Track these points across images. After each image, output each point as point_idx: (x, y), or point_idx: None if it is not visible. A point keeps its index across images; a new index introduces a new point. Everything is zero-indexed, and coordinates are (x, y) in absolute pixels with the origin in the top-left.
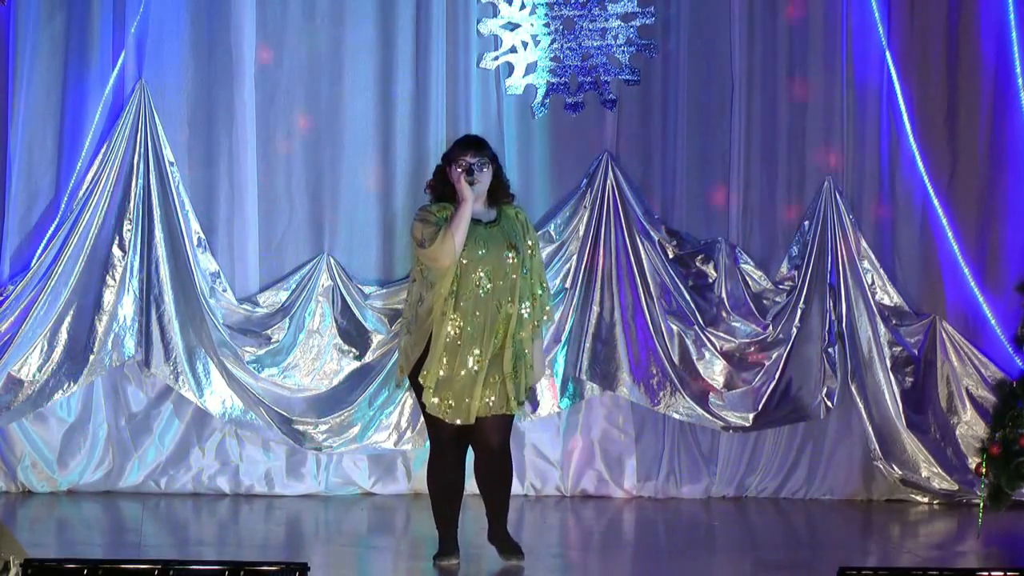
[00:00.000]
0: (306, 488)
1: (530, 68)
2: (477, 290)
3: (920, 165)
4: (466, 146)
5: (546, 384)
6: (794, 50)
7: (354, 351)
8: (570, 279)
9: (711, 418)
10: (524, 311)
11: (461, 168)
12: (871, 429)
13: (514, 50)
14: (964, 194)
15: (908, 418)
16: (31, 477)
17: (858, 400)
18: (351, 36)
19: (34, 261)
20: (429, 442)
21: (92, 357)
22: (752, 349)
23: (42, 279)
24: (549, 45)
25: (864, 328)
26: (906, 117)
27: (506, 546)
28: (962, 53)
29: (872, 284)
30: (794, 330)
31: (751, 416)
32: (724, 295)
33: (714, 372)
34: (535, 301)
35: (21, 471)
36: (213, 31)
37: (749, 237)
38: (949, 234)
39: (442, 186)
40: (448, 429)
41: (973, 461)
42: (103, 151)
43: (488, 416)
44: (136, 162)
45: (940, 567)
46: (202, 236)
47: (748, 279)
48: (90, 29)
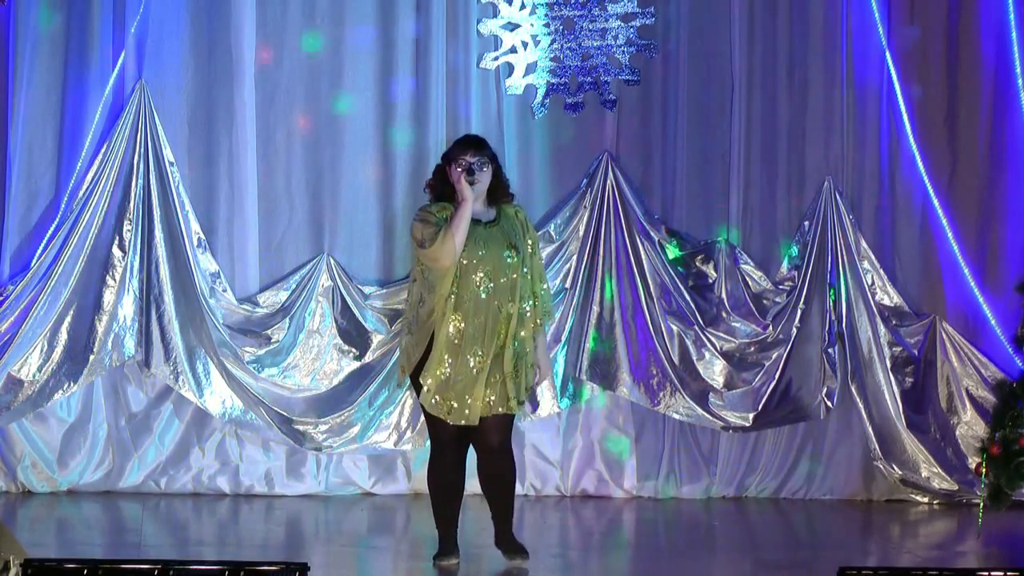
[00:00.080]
0: (306, 488)
1: (530, 68)
2: (478, 290)
3: (920, 165)
4: (466, 145)
5: (546, 384)
6: (794, 50)
7: (354, 351)
8: (570, 279)
9: (711, 418)
10: (526, 309)
11: (461, 168)
12: (871, 429)
13: (514, 50)
14: (964, 194)
15: (908, 418)
16: (31, 477)
17: (858, 400)
18: (351, 36)
19: (34, 261)
20: (430, 442)
21: (92, 357)
22: (752, 349)
23: (42, 279)
24: (549, 45)
25: (864, 328)
26: (906, 117)
27: (512, 547)
28: (962, 53)
29: (872, 284)
30: (794, 330)
31: (751, 416)
32: (724, 295)
33: (714, 372)
34: (537, 300)
35: (21, 471)
36: (213, 31)
37: (749, 237)
38: (949, 234)
39: (441, 186)
40: (449, 429)
41: (973, 461)
42: (103, 151)
43: (488, 416)
44: (136, 162)
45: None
46: (202, 236)
47: (748, 279)
48: (90, 29)
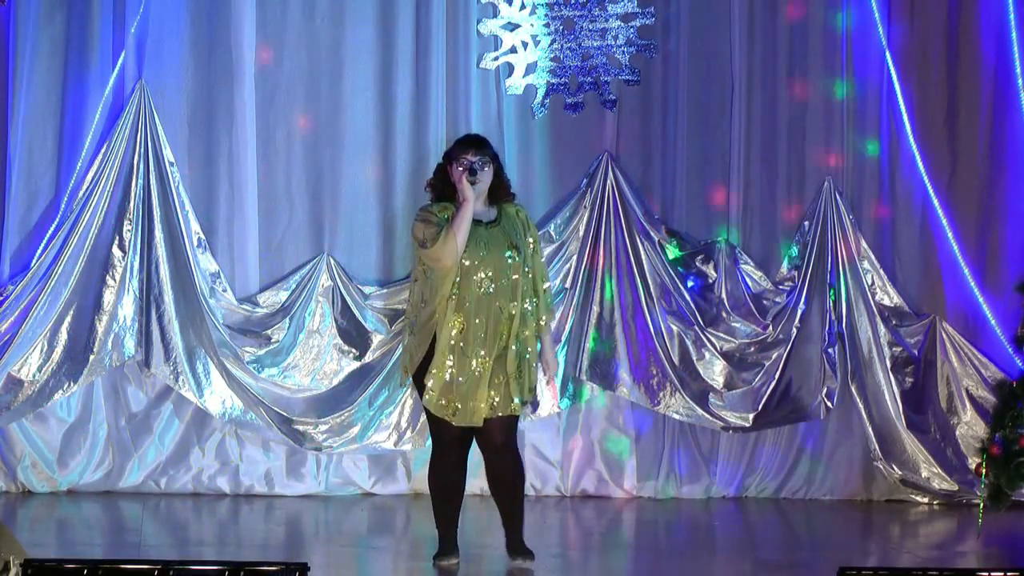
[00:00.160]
0: (306, 488)
1: (530, 68)
2: (479, 291)
3: (920, 165)
4: (467, 145)
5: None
6: (794, 50)
7: (354, 351)
8: (570, 279)
9: (711, 418)
10: (527, 309)
11: (463, 167)
12: (871, 429)
13: (514, 50)
14: (964, 194)
15: (908, 418)
16: (31, 477)
17: (858, 400)
18: (351, 36)
19: (34, 261)
20: (431, 442)
21: (92, 357)
22: (752, 349)
23: (42, 279)
24: (549, 45)
25: (864, 328)
26: (906, 117)
27: (516, 549)
28: (962, 53)
29: (872, 284)
30: (794, 330)
31: (751, 416)
32: (724, 295)
33: (714, 372)
34: (539, 298)
35: (21, 471)
36: (213, 31)
37: (749, 237)
38: (949, 234)
39: (442, 185)
40: (451, 429)
41: (973, 461)
42: (103, 151)
43: (492, 417)
44: (136, 162)
45: (940, 567)
46: (202, 236)
47: (748, 279)
48: (90, 29)
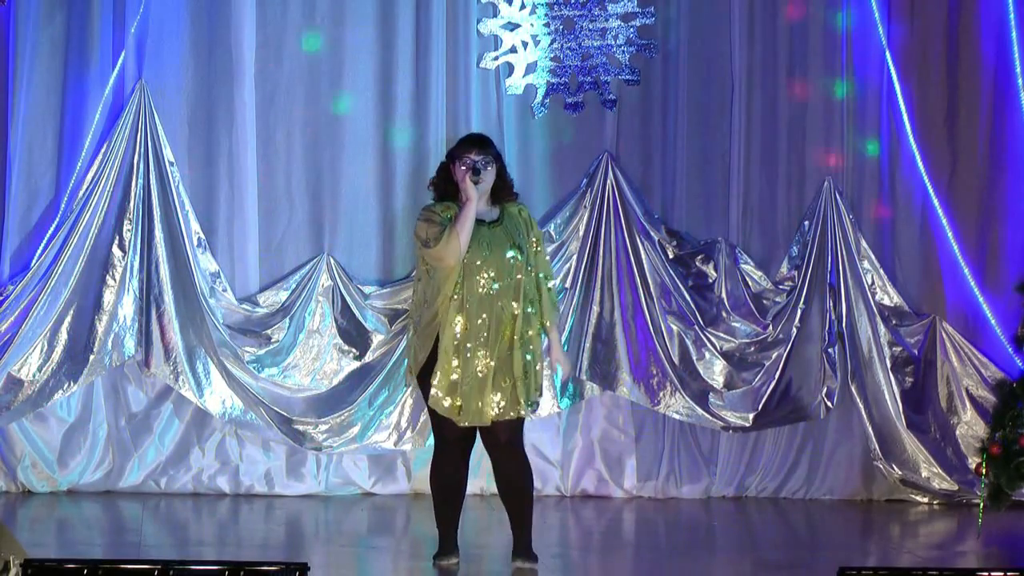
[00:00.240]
0: (306, 488)
1: (530, 68)
2: (481, 291)
3: (920, 165)
4: (471, 144)
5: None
6: (794, 50)
7: (354, 351)
8: (570, 279)
9: (711, 418)
10: (530, 309)
11: (466, 167)
12: (871, 429)
13: (514, 50)
14: (964, 194)
15: (908, 418)
16: (31, 477)
17: (858, 400)
18: (351, 36)
19: (34, 261)
20: (433, 441)
21: (92, 357)
22: (752, 349)
23: (42, 279)
24: (549, 45)
25: (864, 328)
26: (906, 117)
27: (519, 551)
28: (962, 53)
29: (872, 284)
30: (794, 330)
31: (751, 416)
32: (724, 295)
33: (714, 372)
34: (544, 297)
35: (21, 471)
36: (213, 31)
37: (749, 237)
38: (949, 234)
39: (445, 184)
40: (454, 429)
41: (973, 461)
42: (103, 151)
43: (498, 419)
44: (136, 162)
45: (940, 567)
46: (202, 236)
47: (748, 279)
48: (90, 29)
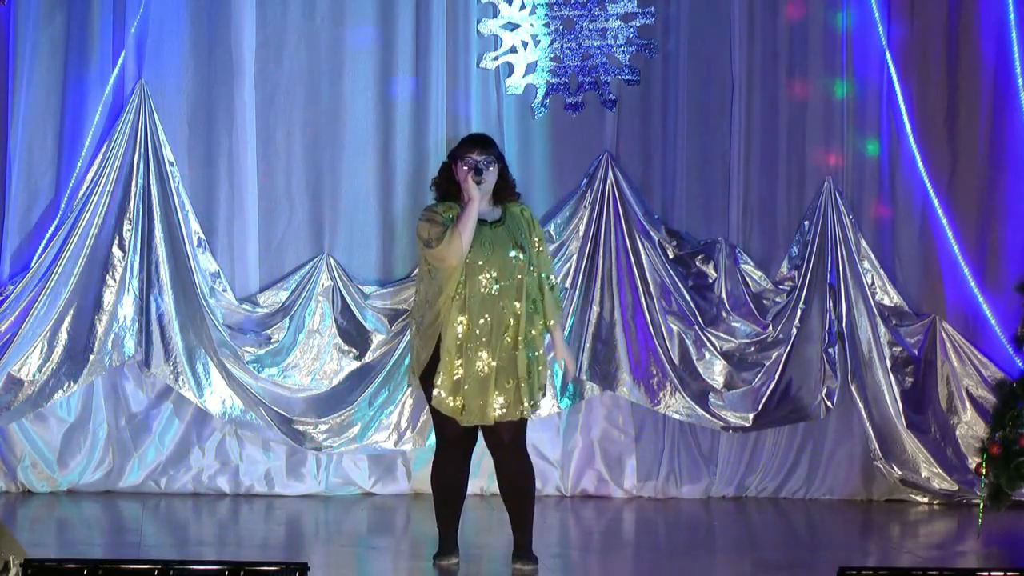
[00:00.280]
0: (306, 488)
1: (530, 68)
2: (483, 291)
3: (920, 165)
4: (473, 144)
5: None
6: (794, 50)
7: (354, 351)
8: (570, 279)
9: (711, 418)
10: (533, 309)
11: (468, 167)
12: (871, 429)
13: (514, 50)
14: (964, 194)
15: (908, 418)
16: (31, 477)
17: (858, 400)
18: (351, 36)
19: (34, 261)
20: (435, 441)
21: (92, 357)
22: (752, 349)
23: (42, 279)
24: (549, 45)
25: (864, 328)
26: (906, 117)
27: (519, 553)
28: (962, 53)
29: (872, 284)
30: (794, 330)
31: (751, 416)
32: (724, 295)
33: (714, 372)
34: (546, 296)
35: (21, 471)
36: (213, 31)
37: (749, 237)
38: (949, 234)
39: (447, 184)
40: (455, 429)
41: (973, 461)
42: (103, 151)
43: (501, 420)
44: (136, 162)
45: (940, 567)
46: (202, 236)
47: (748, 279)
48: (90, 29)
